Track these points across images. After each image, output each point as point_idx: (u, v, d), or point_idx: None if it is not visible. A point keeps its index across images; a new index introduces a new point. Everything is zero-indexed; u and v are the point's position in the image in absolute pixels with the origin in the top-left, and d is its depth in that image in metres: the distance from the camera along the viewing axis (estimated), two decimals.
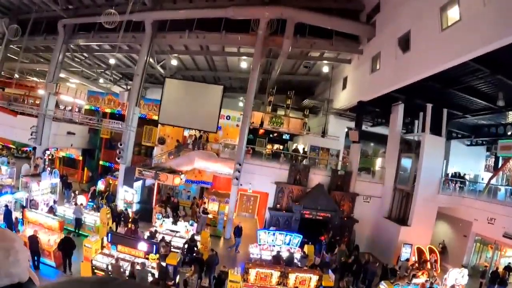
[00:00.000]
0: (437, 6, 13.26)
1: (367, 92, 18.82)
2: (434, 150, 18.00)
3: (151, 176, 18.31)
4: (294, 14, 18.18)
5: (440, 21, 13.31)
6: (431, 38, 13.84)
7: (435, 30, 13.51)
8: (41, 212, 14.49)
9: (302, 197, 18.11)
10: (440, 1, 13.04)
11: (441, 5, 13.13)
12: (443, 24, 13.15)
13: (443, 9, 13.18)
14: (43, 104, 19.95)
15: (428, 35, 14.05)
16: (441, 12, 13.29)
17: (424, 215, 17.76)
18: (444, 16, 13.16)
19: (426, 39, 14.26)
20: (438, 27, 13.32)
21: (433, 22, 13.54)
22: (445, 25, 12.94)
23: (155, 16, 18.98)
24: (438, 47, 13.45)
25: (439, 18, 13.34)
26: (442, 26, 13.16)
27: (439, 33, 13.29)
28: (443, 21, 13.19)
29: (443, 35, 13.01)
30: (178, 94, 19.14)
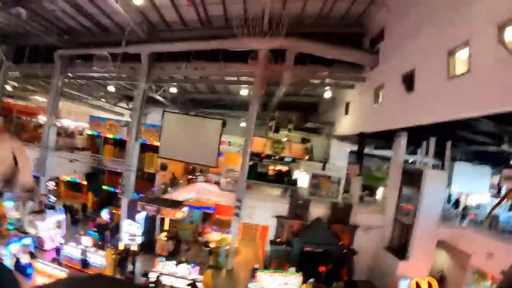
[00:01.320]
0: (444, 48, 12.41)
1: (369, 124, 18.47)
2: (436, 184, 17.80)
3: (153, 211, 18.58)
4: (294, 44, 17.64)
5: (447, 67, 12.38)
6: (437, 84, 13.06)
7: (441, 76, 12.67)
8: (49, 264, 14.93)
9: (302, 231, 18.31)
10: (448, 43, 12.16)
11: (449, 49, 12.24)
12: (450, 71, 12.23)
13: (451, 53, 12.25)
14: (44, 137, 20.07)
15: (434, 80, 13.29)
16: (449, 57, 12.38)
17: (424, 248, 17.84)
18: (452, 62, 12.22)
19: (432, 84, 13.54)
20: (445, 74, 12.44)
21: (440, 67, 12.69)
22: (453, 73, 12.11)
23: (151, 49, 18.55)
24: (443, 96, 12.65)
25: (447, 64, 12.41)
26: (449, 73, 12.26)
27: (446, 80, 12.49)
28: (451, 68, 12.22)
29: (450, 83, 12.21)
30: (177, 128, 19.03)
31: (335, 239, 18.17)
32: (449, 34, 12.17)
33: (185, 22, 18.35)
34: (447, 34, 12.33)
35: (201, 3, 16.79)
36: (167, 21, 18.40)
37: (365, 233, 19.16)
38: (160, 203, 18.75)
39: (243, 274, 18.32)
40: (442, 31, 12.68)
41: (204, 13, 17.55)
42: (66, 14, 18.02)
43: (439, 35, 12.87)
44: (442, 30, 12.67)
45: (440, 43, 12.79)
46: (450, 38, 12.07)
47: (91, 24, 19.25)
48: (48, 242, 17.97)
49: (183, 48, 18.26)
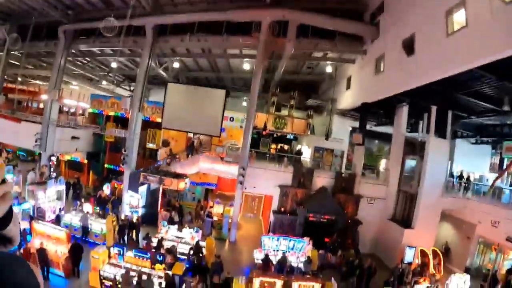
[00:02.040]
0: (442, 9, 12.81)
1: (371, 93, 18.62)
2: (439, 153, 17.88)
3: (155, 181, 18.46)
4: (296, 16, 17.92)
5: (446, 25, 12.85)
6: (436, 43, 13.45)
7: (440, 35, 13.09)
8: (48, 224, 14.70)
9: (306, 200, 18.19)
10: (445, 4, 12.59)
11: (446, 9, 12.66)
12: (448, 29, 12.66)
13: (449, 13, 12.71)
14: (46, 111, 20.03)
15: (433, 39, 13.64)
16: (447, 16, 12.82)
17: (428, 218, 17.78)
18: (450, 21, 12.66)
19: (431, 44, 13.90)
20: (444, 32, 12.88)
21: (439, 26, 13.10)
22: (451, 30, 12.50)
23: (155, 20, 18.79)
24: (443, 53, 13.09)
25: (445, 23, 12.86)
26: (448, 31, 12.69)
27: (445, 38, 12.90)
28: (449, 25, 12.68)
29: (449, 40, 12.62)
30: (181, 99, 19.10)
31: (340, 208, 18.05)
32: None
33: None
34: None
35: None
36: None
37: (368, 205, 19.08)
38: (162, 174, 18.65)
39: (246, 246, 18.07)
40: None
41: None
42: None
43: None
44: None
45: (438, 5, 13.17)
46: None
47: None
48: (48, 213, 17.67)
49: (187, 20, 18.51)
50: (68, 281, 13.39)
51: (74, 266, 13.54)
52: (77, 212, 17.11)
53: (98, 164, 23.99)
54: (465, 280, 13.97)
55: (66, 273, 13.45)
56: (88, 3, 20.00)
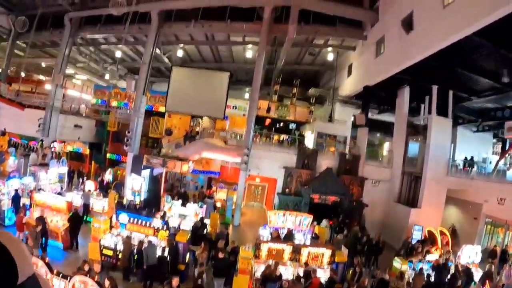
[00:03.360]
0: None
1: (373, 76, 18.92)
2: (442, 132, 18.03)
3: (159, 164, 18.27)
4: (298, 1, 18.41)
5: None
6: (433, 16, 13.99)
7: (437, 7, 13.66)
8: (49, 193, 14.46)
9: (311, 181, 18.03)
10: None
11: None
12: (445, 0, 13.26)
13: None
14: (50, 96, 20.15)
15: (431, 13, 14.22)
16: None
17: (434, 197, 17.68)
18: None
19: (429, 17, 14.45)
20: (440, 4, 13.46)
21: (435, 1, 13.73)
22: (447, 2, 13.11)
23: (161, 6, 19.24)
24: (441, 23, 13.54)
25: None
26: (444, 3, 13.30)
27: (442, 10, 13.47)
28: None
29: (445, 11, 13.20)
30: (185, 82, 19.30)
31: (345, 188, 17.86)
32: None
33: None
34: None
35: None
36: None
37: (373, 187, 18.92)
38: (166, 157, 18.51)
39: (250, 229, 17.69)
40: None
41: None
42: None
43: None
44: None
45: None
46: None
47: None
48: None
49: (193, 5, 18.96)
50: (67, 253, 13.04)
51: (73, 238, 13.20)
52: (78, 191, 16.84)
53: (100, 154, 23.81)
54: (477, 252, 13.71)
55: (64, 245, 13.13)
56: None
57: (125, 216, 12.55)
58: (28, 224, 12.86)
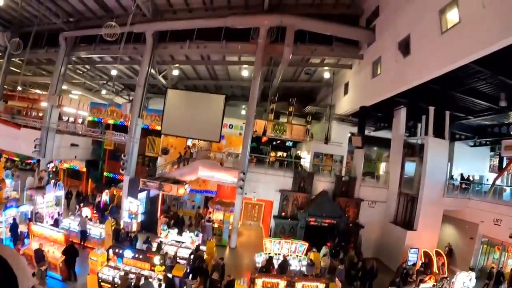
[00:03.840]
0: (436, 9, 13.15)
1: (369, 97, 18.80)
2: (438, 153, 17.96)
3: (155, 187, 18.31)
4: (294, 21, 18.26)
5: (439, 23, 13.11)
6: (431, 41, 13.69)
7: (435, 33, 13.35)
8: (46, 226, 14.52)
9: (307, 204, 18.05)
10: (439, 4, 12.93)
11: (440, 8, 12.95)
12: (442, 27, 12.96)
13: (442, 11, 12.96)
14: (46, 117, 20.08)
15: (428, 38, 13.89)
16: (441, 15, 13.08)
17: (430, 219, 17.67)
18: (444, 19, 12.96)
19: (427, 43, 14.13)
20: (438, 30, 13.14)
21: (433, 25, 13.43)
22: (445, 28, 12.80)
23: (155, 27, 19.12)
24: (438, 50, 13.31)
25: (439, 21, 13.14)
26: (442, 29, 12.97)
27: (439, 36, 13.14)
28: (443, 23, 12.97)
29: (443, 37, 12.86)
30: (180, 104, 19.22)
31: (341, 211, 17.89)
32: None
33: (188, 2, 19.05)
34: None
35: None
36: (171, 2, 19.09)
37: (370, 208, 18.95)
38: (162, 180, 18.52)
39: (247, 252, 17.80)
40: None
41: None
42: None
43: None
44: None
45: (432, 5, 13.52)
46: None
47: (96, 6, 19.89)
48: (46, 218, 17.45)
49: (187, 26, 18.83)
50: (65, 284, 13.13)
51: (70, 269, 13.27)
52: (75, 217, 16.89)
53: (97, 172, 23.83)
54: (471, 278, 13.79)
55: (63, 276, 13.21)
56: (88, 10, 20.40)
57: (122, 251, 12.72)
58: (25, 255, 12.97)
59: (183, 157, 20.34)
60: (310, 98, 27.51)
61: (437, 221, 17.92)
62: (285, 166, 19.61)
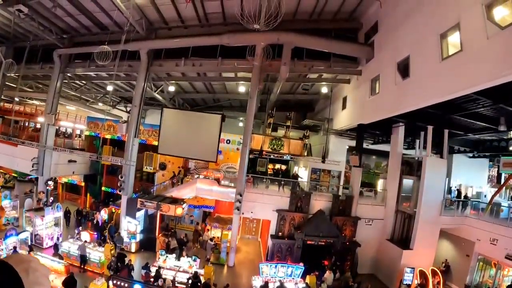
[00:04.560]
0: (437, 32, 12.63)
1: (367, 115, 18.62)
2: (436, 172, 17.88)
3: (153, 207, 18.41)
4: (291, 38, 17.88)
5: (440, 49, 12.57)
6: (431, 67, 13.21)
7: (435, 59, 12.81)
8: (47, 256, 14.67)
9: (304, 224, 18.14)
10: (440, 27, 12.42)
11: (441, 32, 12.42)
12: (443, 53, 12.42)
13: (444, 36, 12.43)
14: (42, 136, 20.04)
15: (428, 63, 13.37)
16: (442, 39, 12.54)
17: (427, 237, 17.74)
18: (445, 44, 12.43)
19: (426, 67, 13.64)
20: (439, 56, 12.59)
21: (434, 50, 12.92)
22: (446, 55, 12.27)
23: (150, 45, 18.80)
24: (438, 77, 12.76)
25: (440, 46, 12.60)
26: (442, 55, 12.44)
27: (440, 62, 12.65)
28: (444, 49, 12.43)
29: (444, 64, 12.34)
30: (177, 124, 19.07)
31: (338, 231, 18.00)
32: (440, 18, 12.48)
33: (183, 19, 18.68)
34: (438, 18, 12.62)
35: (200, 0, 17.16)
36: (166, 19, 18.73)
37: (367, 226, 19.04)
38: (160, 200, 18.60)
39: (245, 271, 18.04)
40: (433, 16, 12.97)
41: (202, 10, 17.89)
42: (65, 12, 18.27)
43: (431, 20, 13.14)
44: (433, 15, 12.97)
45: (433, 28, 12.99)
46: (441, 22, 12.36)
47: (90, 23, 19.54)
48: (46, 240, 17.67)
49: (182, 44, 18.52)
50: None
51: None
52: (75, 240, 17.05)
53: (95, 186, 23.93)
54: None
55: None
56: (83, 27, 20.04)
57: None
58: None
59: (177, 176, 20.39)
60: (309, 107, 27.30)
61: (434, 239, 18.00)
62: (283, 186, 19.63)
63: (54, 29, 19.89)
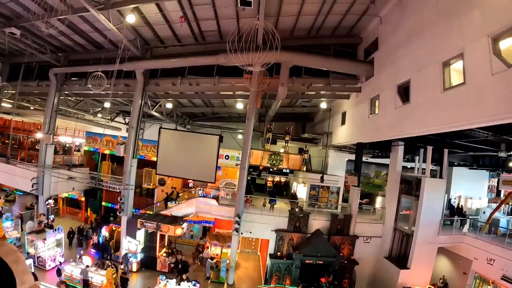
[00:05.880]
0: (439, 59, 12.00)
1: (366, 135, 18.39)
2: (434, 192, 17.85)
3: (153, 228, 18.59)
4: (289, 57, 17.44)
5: (442, 78, 11.95)
6: (432, 96, 12.61)
7: (436, 88, 12.22)
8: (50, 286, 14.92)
9: (302, 244, 18.30)
10: (443, 55, 11.78)
11: (444, 60, 11.78)
12: (445, 83, 11.81)
13: (446, 65, 11.79)
14: (41, 156, 20.07)
15: (429, 91, 12.80)
16: (444, 67, 11.89)
17: (424, 256, 17.88)
18: (447, 74, 11.82)
19: (427, 95, 12.98)
20: (440, 85, 12.00)
21: (435, 78, 12.29)
22: (448, 85, 11.69)
23: (145, 65, 18.50)
24: (439, 108, 12.21)
25: (442, 74, 11.98)
26: (444, 85, 11.84)
27: (441, 92, 12.12)
28: (446, 79, 11.82)
29: (445, 95, 11.77)
30: (174, 144, 18.99)
31: (335, 251, 18.17)
32: (443, 46, 11.87)
33: (179, 37, 18.31)
34: (441, 45, 12.01)
35: (194, 19, 16.74)
36: (161, 37, 18.35)
37: (365, 243, 19.19)
38: (159, 220, 18.75)
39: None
40: (436, 42, 12.38)
41: (197, 29, 17.50)
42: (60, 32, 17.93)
43: (434, 46, 12.54)
44: (436, 41, 12.38)
45: (435, 54, 12.43)
46: (444, 50, 11.76)
47: (85, 41, 19.21)
48: (48, 261, 17.95)
49: (178, 64, 18.20)
50: None
51: None
52: (77, 264, 17.32)
53: (95, 201, 24.10)
54: None
55: None
56: (78, 45, 19.70)
57: None
58: None
59: (170, 197, 20.56)
60: (308, 118, 27.05)
61: (431, 259, 18.15)
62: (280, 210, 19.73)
63: (49, 47, 19.58)
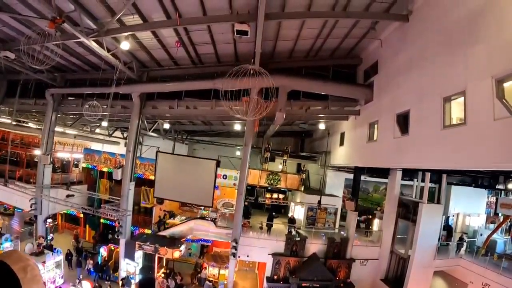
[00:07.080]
0: (440, 94, 11.56)
1: (364, 159, 18.34)
2: (431, 217, 17.85)
3: (151, 250, 18.73)
4: (286, 82, 17.25)
5: (443, 115, 11.52)
6: (431, 131, 12.23)
7: (436, 124, 11.78)
8: None
9: (299, 268, 18.42)
10: (444, 90, 11.36)
11: (445, 96, 11.37)
12: (445, 120, 11.41)
13: (447, 100, 11.36)
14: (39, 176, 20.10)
15: (429, 126, 12.35)
16: (445, 103, 11.45)
17: (420, 280, 17.96)
18: (448, 110, 11.41)
19: (426, 130, 12.57)
20: (440, 122, 11.57)
21: (435, 113, 11.83)
22: (448, 123, 11.33)
23: (142, 89, 18.35)
24: (438, 145, 11.88)
25: (442, 111, 11.55)
26: (444, 123, 11.44)
27: (441, 129, 11.55)
28: (446, 116, 11.41)
29: (445, 133, 11.39)
30: (172, 168, 18.99)
31: (331, 274, 18.30)
32: (445, 80, 11.45)
33: (176, 60, 18.10)
34: (443, 79, 11.60)
35: (191, 43, 16.51)
36: (157, 60, 18.14)
37: (361, 266, 19.30)
38: (157, 242, 18.86)
39: None
40: (438, 75, 11.95)
41: (194, 52, 17.28)
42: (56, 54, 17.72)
43: (435, 79, 12.16)
44: (438, 74, 11.94)
45: (436, 87, 11.99)
46: (446, 85, 11.33)
47: (81, 62, 19.02)
48: (48, 284, 18.15)
49: (175, 89, 18.02)
50: None
51: None
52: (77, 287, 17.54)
53: (94, 218, 24.22)
54: None
55: None
56: (74, 65, 19.51)
57: None
58: None
59: (163, 221, 20.70)
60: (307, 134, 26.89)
61: (427, 282, 18.24)
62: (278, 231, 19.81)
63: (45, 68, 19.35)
